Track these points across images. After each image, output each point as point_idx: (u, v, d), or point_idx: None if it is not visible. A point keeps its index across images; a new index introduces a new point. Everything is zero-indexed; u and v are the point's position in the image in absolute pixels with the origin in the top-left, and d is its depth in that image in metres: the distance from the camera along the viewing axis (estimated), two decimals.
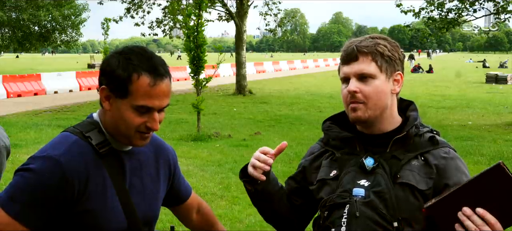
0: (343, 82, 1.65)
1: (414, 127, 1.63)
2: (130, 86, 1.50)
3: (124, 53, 1.54)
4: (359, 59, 1.60)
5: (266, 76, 34.66)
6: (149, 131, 1.57)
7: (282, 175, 7.40)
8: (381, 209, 1.54)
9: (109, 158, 1.58)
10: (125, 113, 1.53)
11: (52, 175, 1.47)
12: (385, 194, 1.56)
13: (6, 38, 32.61)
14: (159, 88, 1.52)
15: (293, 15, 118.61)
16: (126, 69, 1.51)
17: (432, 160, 1.60)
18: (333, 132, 1.73)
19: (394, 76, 1.64)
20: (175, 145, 9.75)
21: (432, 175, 1.57)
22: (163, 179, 1.77)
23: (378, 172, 1.59)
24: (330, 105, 16.64)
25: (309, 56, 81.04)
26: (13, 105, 16.60)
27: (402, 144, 1.62)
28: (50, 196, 1.48)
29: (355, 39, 1.66)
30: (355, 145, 1.68)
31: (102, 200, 1.54)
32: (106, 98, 1.55)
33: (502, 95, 20.54)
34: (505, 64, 47.77)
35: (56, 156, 1.49)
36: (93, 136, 1.58)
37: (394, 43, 1.66)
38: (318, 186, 1.71)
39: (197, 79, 10.69)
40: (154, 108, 1.53)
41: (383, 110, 1.63)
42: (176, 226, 2.06)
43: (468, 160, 8.30)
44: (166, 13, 22.59)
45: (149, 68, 1.51)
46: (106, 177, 1.56)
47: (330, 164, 1.71)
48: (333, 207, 1.62)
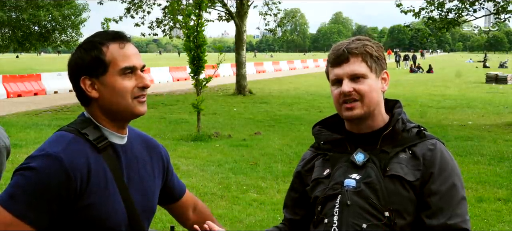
0: (333, 84, 1.71)
1: (400, 123, 1.69)
2: (105, 58, 1.57)
3: (82, 43, 1.62)
4: (350, 61, 1.66)
5: (266, 76, 34.67)
6: (143, 91, 1.61)
7: (282, 175, 7.41)
8: (372, 199, 1.58)
9: (108, 152, 1.59)
10: (115, 85, 1.57)
11: (54, 172, 1.47)
12: (376, 185, 1.60)
13: (6, 38, 32.59)
14: (129, 48, 1.60)
15: (293, 15, 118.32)
16: (93, 48, 1.57)
17: (419, 151, 1.65)
18: (323, 135, 1.78)
19: (382, 75, 1.72)
20: (175, 145, 9.76)
21: (419, 167, 1.62)
22: (157, 175, 1.78)
23: (368, 165, 1.64)
24: (330, 105, 16.62)
25: (309, 56, 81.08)
26: (13, 105, 16.60)
27: (391, 139, 1.68)
28: (53, 193, 1.48)
29: (342, 42, 1.73)
30: (345, 146, 1.72)
31: (104, 194, 1.55)
32: (91, 87, 1.58)
33: (502, 95, 20.53)
34: (505, 64, 47.76)
35: (56, 153, 1.50)
36: (89, 132, 1.58)
37: (378, 44, 1.74)
38: (312, 185, 1.74)
39: (197, 79, 10.69)
40: (136, 67, 1.59)
41: (375, 107, 1.69)
42: (176, 226, 2.05)
43: (468, 160, 8.29)
44: (166, 13, 22.56)
45: (111, 37, 1.60)
46: (107, 170, 1.57)
47: (322, 164, 1.75)
48: (326, 199, 1.66)
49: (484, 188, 6.72)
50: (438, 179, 1.61)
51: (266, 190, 6.71)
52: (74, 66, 1.60)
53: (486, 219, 5.62)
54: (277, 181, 7.13)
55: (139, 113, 1.62)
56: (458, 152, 8.88)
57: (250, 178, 7.31)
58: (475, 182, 6.89)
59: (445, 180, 1.61)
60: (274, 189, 6.74)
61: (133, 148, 1.69)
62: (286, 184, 6.83)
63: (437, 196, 1.59)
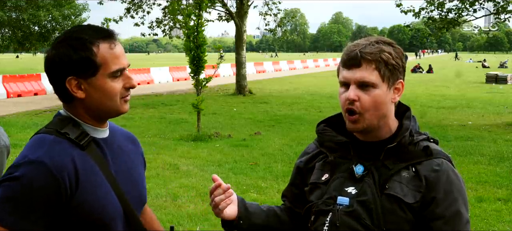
0: (342, 85, 1.61)
1: (408, 136, 1.59)
2: (96, 59, 1.50)
3: (68, 38, 1.52)
4: (361, 66, 1.54)
5: (266, 76, 34.67)
6: (129, 91, 1.58)
7: (282, 174, 7.41)
8: (364, 220, 1.52)
9: (92, 148, 1.55)
10: (105, 86, 1.52)
11: (39, 178, 1.43)
12: (370, 204, 1.53)
13: (6, 38, 32.58)
14: (118, 47, 1.54)
15: (293, 15, 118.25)
16: (83, 48, 1.49)
17: (423, 171, 1.54)
18: (327, 135, 1.72)
19: (395, 85, 1.59)
20: (175, 145, 9.76)
21: (421, 188, 1.53)
22: (141, 165, 1.77)
23: (366, 180, 1.56)
24: (330, 105, 16.63)
25: (309, 56, 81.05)
26: (13, 105, 16.61)
27: (395, 153, 1.58)
28: (42, 199, 1.44)
29: (359, 42, 1.59)
30: (349, 150, 1.65)
31: (96, 190, 1.51)
32: (77, 88, 1.52)
33: (502, 95, 20.53)
34: (505, 64, 47.77)
35: (39, 159, 1.45)
36: (69, 130, 1.54)
37: (399, 50, 1.59)
38: (310, 188, 1.70)
39: (197, 79, 10.70)
40: (125, 68, 1.55)
41: (380, 119, 1.59)
42: (175, 226, 2.05)
43: (468, 160, 8.30)
44: (166, 13, 22.56)
45: (100, 35, 1.52)
46: (93, 165, 1.53)
47: (322, 167, 1.69)
48: (318, 213, 1.62)
49: (484, 188, 6.72)
50: (443, 203, 1.53)
51: (266, 190, 6.71)
52: (59, 64, 1.51)
53: (486, 219, 5.62)
54: (277, 181, 7.13)
55: (124, 112, 1.60)
56: (458, 152, 8.88)
57: (250, 178, 7.31)
58: (475, 182, 6.89)
59: (450, 205, 1.53)
60: (274, 189, 6.74)
61: (116, 140, 1.66)
62: (286, 184, 6.78)
63: (442, 221, 1.52)
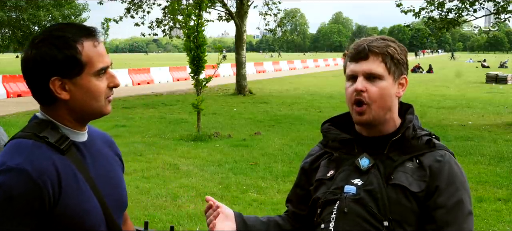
0: (348, 79, 1.65)
1: (411, 130, 1.64)
2: (81, 58, 1.45)
3: (49, 37, 1.46)
4: (369, 59, 1.61)
5: (266, 76, 34.68)
6: (112, 91, 1.55)
7: (282, 175, 7.40)
8: (371, 207, 1.56)
9: (72, 152, 1.50)
10: (90, 86, 1.48)
11: (20, 185, 1.36)
12: (377, 193, 1.57)
13: (6, 38, 32.59)
14: (100, 45, 1.51)
15: (293, 15, 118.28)
16: (67, 46, 1.44)
17: (426, 162, 1.59)
18: (332, 134, 1.75)
19: (400, 79, 1.65)
20: (175, 145, 9.76)
21: (425, 178, 1.57)
22: (119, 168, 1.74)
23: (372, 172, 1.60)
24: (330, 105, 16.64)
25: (309, 56, 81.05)
26: (13, 105, 16.60)
27: (399, 146, 1.63)
28: (24, 207, 1.37)
29: (365, 38, 1.67)
30: (353, 147, 1.69)
31: (78, 195, 1.47)
32: (61, 88, 1.47)
33: (502, 95, 20.54)
34: (505, 64, 47.77)
35: (19, 165, 1.38)
36: (48, 134, 1.48)
37: (402, 47, 1.67)
38: (316, 185, 1.72)
39: (197, 79, 10.70)
40: (108, 66, 1.52)
41: (386, 112, 1.64)
42: (175, 226, 2.05)
43: (468, 160, 8.30)
44: (166, 13, 22.57)
45: (83, 33, 1.48)
46: (74, 170, 1.49)
47: (327, 164, 1.72)
48: (325, 204, 1.64)
49: (484, 188, 6.72)
50: (445, 192, 1.56)
51: (266, 190, 6.71)
52: (42, 64, 1.44)
53: (486, 219, 5.62)
54: (277, 181, 7.12)
55: (107, 113, 1.56)
56: (458, 152, 8.88)
57: (250, 178, 7.31)
58: (475, 182, 6.89)
59: (452, 194, 1.56)
60: (274, 189, 6.74)
61: (95, 143, 1.63)
62: (286, 184, 6.84)
63: (443, 210, 1.55)
